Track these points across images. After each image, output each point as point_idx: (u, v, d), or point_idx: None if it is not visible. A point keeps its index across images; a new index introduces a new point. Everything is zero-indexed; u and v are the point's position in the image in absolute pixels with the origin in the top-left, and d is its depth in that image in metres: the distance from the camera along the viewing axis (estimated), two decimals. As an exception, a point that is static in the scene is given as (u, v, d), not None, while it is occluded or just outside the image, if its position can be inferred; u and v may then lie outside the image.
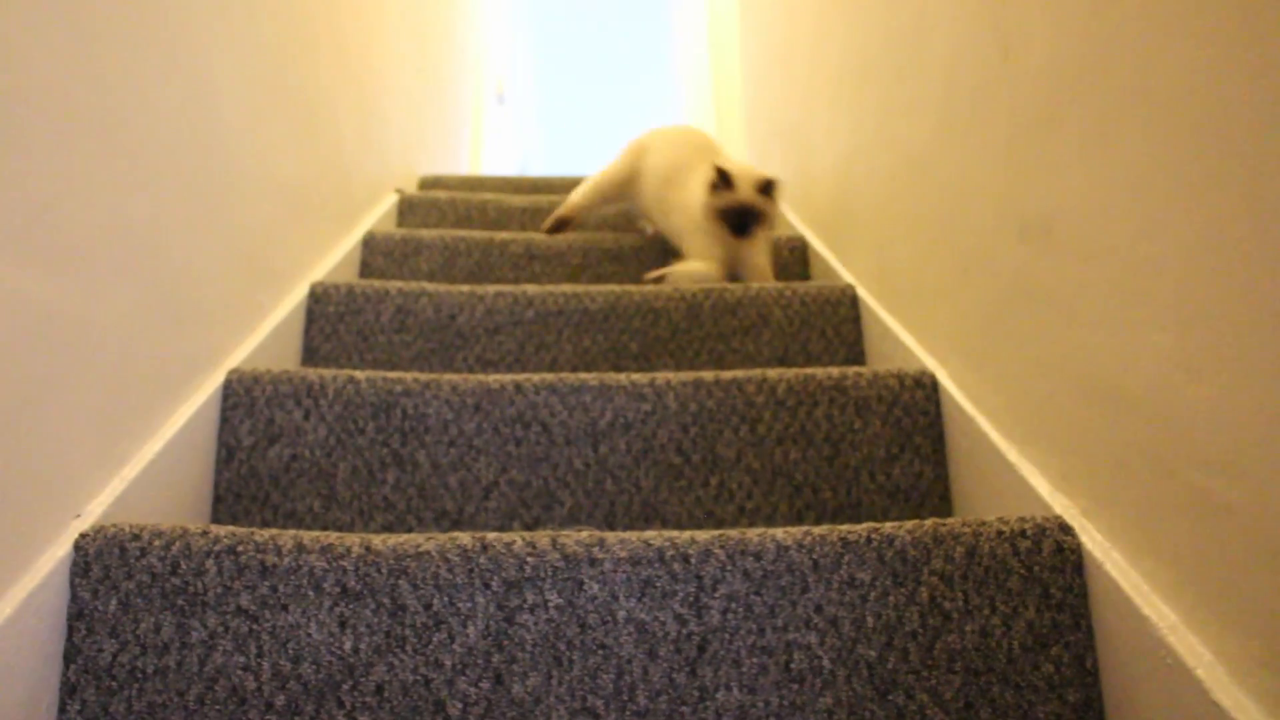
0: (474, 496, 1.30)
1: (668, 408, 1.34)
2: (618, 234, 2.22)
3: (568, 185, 3.12)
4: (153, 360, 1.18)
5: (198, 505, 1.28)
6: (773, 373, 1.38)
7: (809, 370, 1.39)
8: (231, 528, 0.97)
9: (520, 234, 2.21)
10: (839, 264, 1.98)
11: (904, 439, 1.33)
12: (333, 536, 0.95)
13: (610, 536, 0.94)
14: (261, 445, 1.33)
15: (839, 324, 1.73)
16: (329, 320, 1.74)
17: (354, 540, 0.94)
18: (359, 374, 1.38)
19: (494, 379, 1.36)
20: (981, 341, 1.23)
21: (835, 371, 1.38)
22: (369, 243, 2.19)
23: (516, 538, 0.94)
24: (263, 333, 1.55)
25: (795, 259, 2.23)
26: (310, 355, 1.73)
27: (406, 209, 2.66)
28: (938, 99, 1.38)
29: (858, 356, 1.72)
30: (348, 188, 2.17)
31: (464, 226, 2.61)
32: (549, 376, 1.37)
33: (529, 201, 2.65)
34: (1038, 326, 1.07)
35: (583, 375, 1.37)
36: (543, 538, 0.94)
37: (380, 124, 2.54)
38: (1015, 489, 1.10)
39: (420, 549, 0.93)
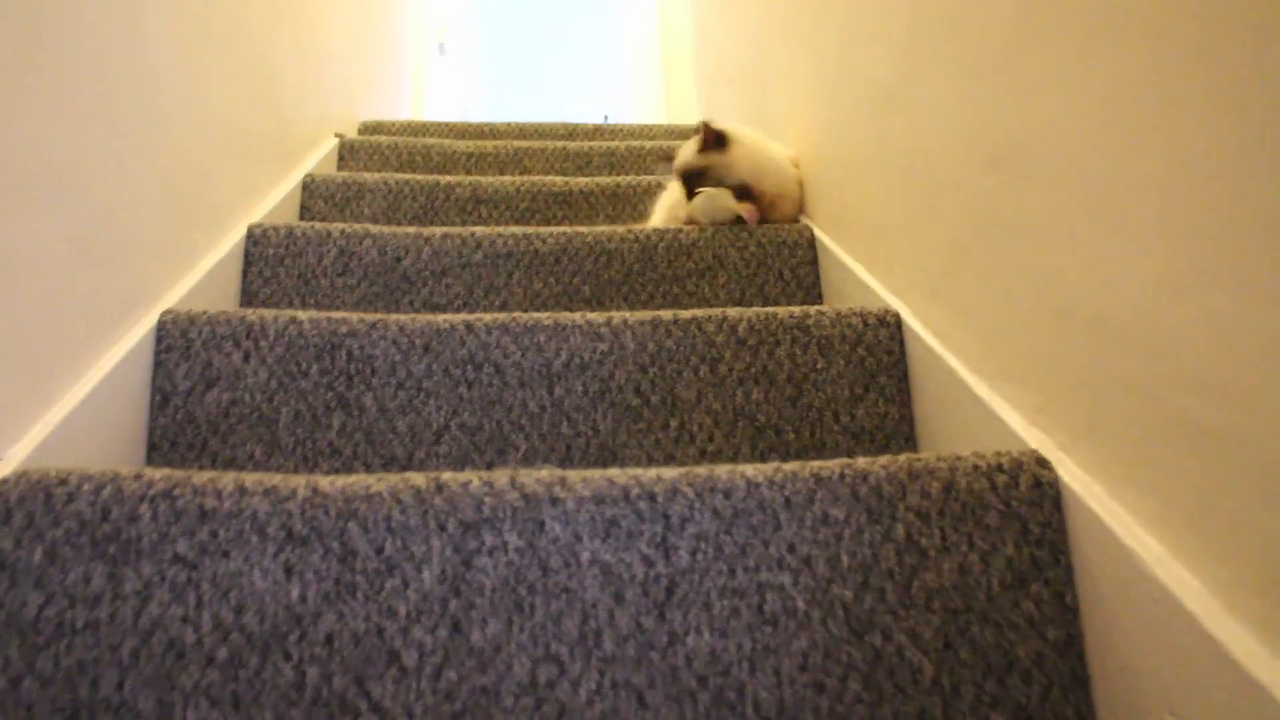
0: (424, 441, 1.25)
1: (625, 348, 1.29)
2: (566, 178, 2.15)
3: (512, 131, 3.05)
4: (79, 299, 1.11)
5: (130, 452, 1.21)
6: (733, 311, 1.33)
7: (771, 309, 1.34)
8: (167, 470, 0.91)
9: (466, 178, 2.14)
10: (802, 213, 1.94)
11: (868, 379, 1.30)
12: (277, 478, 0.89)
13: (572, 475, 0.89)
14: (199, 389, 1.27)
15: (796, 266, 1.69)
16: (268, 263, 1.67)
17: (299, 481, 0.89)
18: (302, 314, 1.31)
19: (444, 319, 1.30)
20: (948, 277, 1.20)
21: (798, 310, 1.34)
22: (309, 186, 2.11)
23: (473, 477, 0.89)
24: (198, 274, 1.47)
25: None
26: (249, 299, 1.66)
27: (347, 153, 2.58)
28: (904, 27, 1.34)
29: (815, 299, 1.68)
30: (286, 127, 2.08)
31: (407, 171, 2.53)
32: (501, 316, 1.31)
33: (473, 147, 2.58)
34: (1009, 257, 1.04)
35: (536, 315, 1.32)
36: (501, 476, 0.89)
37: (319, 63, 2.45)
38: (987, 425, 1.06)
39: (371, 490, 0.87)
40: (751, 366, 1.29)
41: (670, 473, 0.90)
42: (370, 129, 3.06)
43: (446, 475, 0.89)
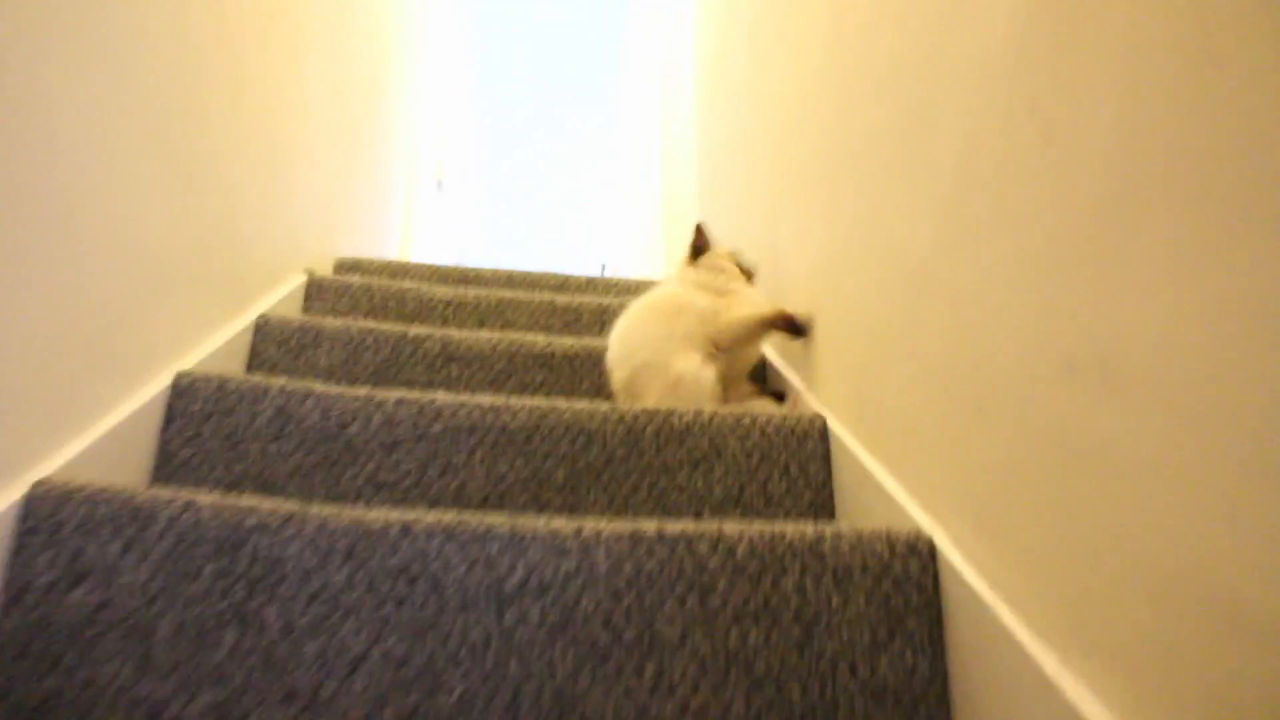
0: (336, 672, 0.99)
1: (596, 567, 1.04)
2: (550, 337, 1.93)
3: (499, 279, 2.85)
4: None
5: (-43, 669, 0.95)
6: (731, 527, 1.09)
7: (777, 527, 1.10)
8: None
9: (438, 329, 1.92)
10: (804, 387, 1.72)
11: (894, 622, 1.05)
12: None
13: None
14: (62, 586, 1.01)
15: (805, 460, 1.45)
16: (192, 420, 1.43)
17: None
18: (203, 498, 1.07)
19: (375, 516, 1.06)
20: (1001, 504, 0.96)
21: (810, 531, 1.10)
22: (262, 328, 1.89)
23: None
24: (96, 433, 1.24)
25: (753, 374, 1.95)
26: (165, 463, 1.41)
27: (314, 293, 2.36)
28: (945, 197, 1.13)
29: (826, 500, 1.44)
30: (239, 262, 1.86)
31: (377, 316, 2.31)
32: (446, 518, 1.07)
33: (453, 294, 2.36)
34: (1088, 493, 0.80)
35: (490, 518, 1.07)
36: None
37: (288, 194, 2.25)
38: (1056, 712, 0.81)
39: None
40: (751, 600, 1.04)
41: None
42: (347, 267, 2.86)
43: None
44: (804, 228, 1.82)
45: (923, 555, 1.08)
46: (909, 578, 1.06)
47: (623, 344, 1.79)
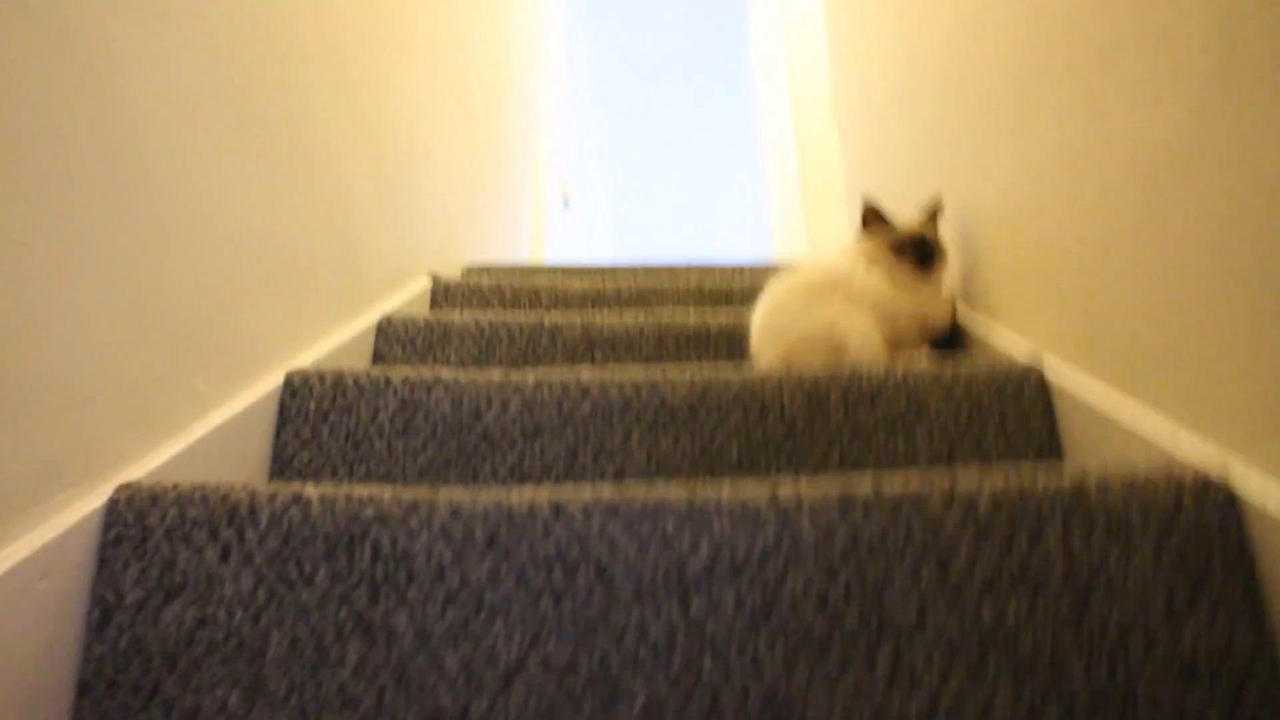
0: (486, 687, 0.79)
1: (801, 538, 0.83)
2: (703, 314, 1.72)
3: (638, 273, 2.67)
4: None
5: (50, 699, 0.78)
6: (968, 479, 0.86)
7: (1024, 475, 0.87)
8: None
9: (576, 316, 1.72)
10: (1010, 332, 1.46)
11: (1195, 581, 0.80)
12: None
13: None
14: (154, 602, 0.84)
15: (1024, 411, 1.21)
16: (308, 421, 1.26)
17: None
18: (310, 490, 0.89)
19: (518, 495, 0.86)
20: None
21: (1068, 478, 0.86)
22: (384, 329, 1.73)
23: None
24: (193, 435, 1.06)
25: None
26: (281, 470, 1.24)
27: (441, 296, 2.20)
28: (1200, 68, 0.90)
29: (1053, 455, 1.20)
30: (355, 259, 1.71)
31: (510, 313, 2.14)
32: (607, 492, 0.87)
33: (592, 285, 2.17)
34: None
35: (662, 490, 0.87)
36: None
37: (405, 195, 2.10)
38: None
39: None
40: (1004, 566, 0.81)
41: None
42: (476, 272, 2.71)
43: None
44: (985, 160, 1.57)
45: (1220, 497, 0.83)
46: (1206, 525, 0.82)
47: (773, 320, 1.58)
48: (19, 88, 0.77)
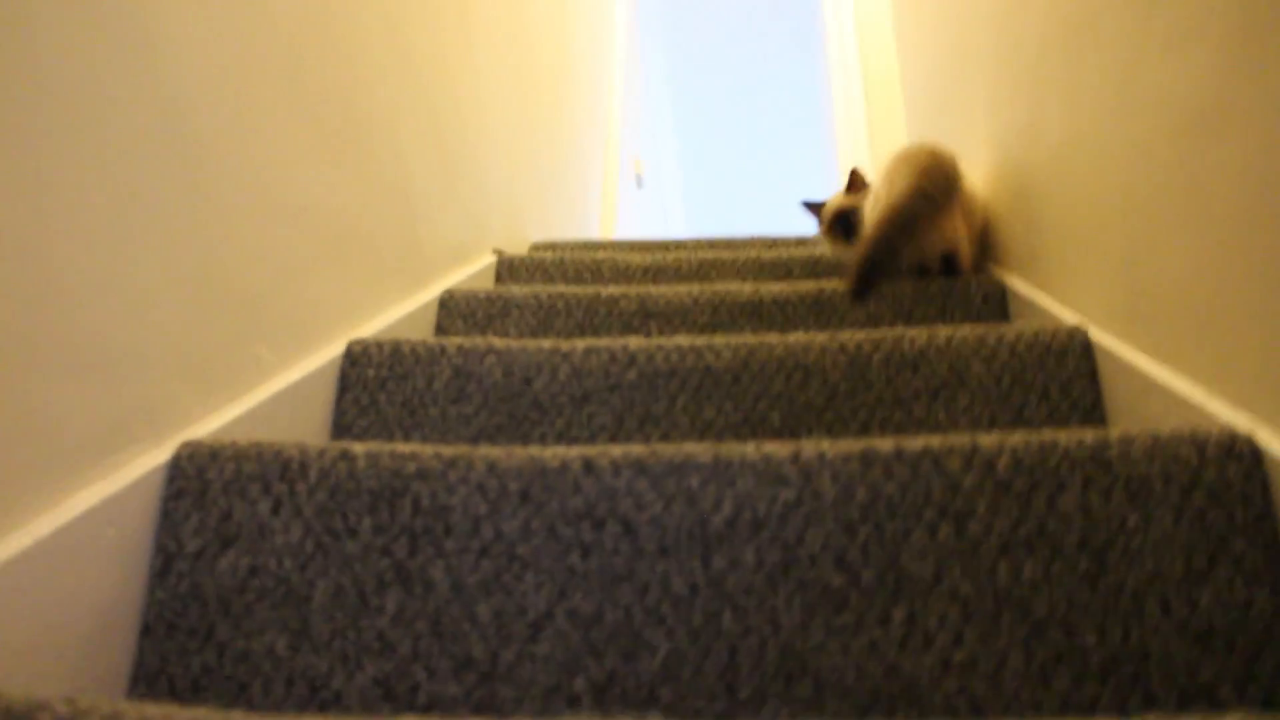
0: (515, 636, 0.83)
1: (822, 495, 0.85)
2: (757, 285, 1.74)
3: (701, 246, 2.68)
4: (26, 420, 0.76)
5: (116, 637, 0.84)
6: (988, 439, 0.87)
7: (1045, 434, 0.87)
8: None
9: (633, 288, 1.75)
10: (1052, 301, 1.45)
11: (1214, 544, 0.80)
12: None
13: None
14: (211, 551, 0.89)
15: (1067, 380, 1.20)
16: (367, 388, 1.31)
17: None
18: (356, 446, 0.93)
19: (551, 453, 0.90)
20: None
21: (1090, 436, 0.87)
22: (446, 303, 1.77)
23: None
24: (255, 398, 1.12)
25: (990, 309, 1.69)
26: (341, 434, 1.30)
27: (505, 272, 2.24)
28: (1230, 14, 0.88)
29: (1097, 425, 1.19)
30: (417, 233, 1.75)
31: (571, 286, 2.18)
32: (635, 449, 0.89)
33: (652, 259, 2.19)
34: None
35: (687, 446, 0.89)
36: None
37: (473, 174, 2.14)
38: None
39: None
40: (1021, 525, 0.82)
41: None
42: (542, 248, 2.75)
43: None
44: (1037, 118, 1.55)
45: (1244, 458, 0.83)
46: (1229, 487, 0.82)
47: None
48: (96, 85, 0.82)
